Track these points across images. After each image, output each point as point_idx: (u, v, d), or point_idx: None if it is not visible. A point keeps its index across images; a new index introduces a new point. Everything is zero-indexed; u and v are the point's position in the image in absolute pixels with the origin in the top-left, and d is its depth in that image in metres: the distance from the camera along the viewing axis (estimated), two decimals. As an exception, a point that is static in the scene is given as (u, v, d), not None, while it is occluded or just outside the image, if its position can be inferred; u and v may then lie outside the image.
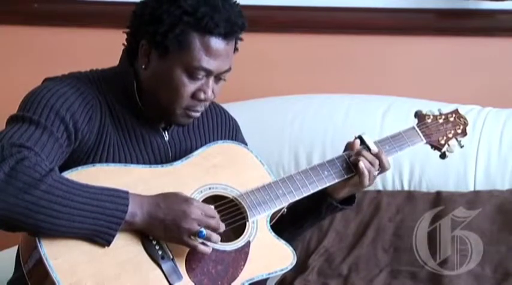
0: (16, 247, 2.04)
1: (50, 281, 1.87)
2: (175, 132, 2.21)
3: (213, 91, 2.08)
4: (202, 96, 2.06)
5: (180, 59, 2.03)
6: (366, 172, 2.20)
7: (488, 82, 3.03)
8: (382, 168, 2.24)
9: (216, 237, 2.00)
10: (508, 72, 3.03)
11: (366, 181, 2.21)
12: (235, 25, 2.05)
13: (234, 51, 2.11)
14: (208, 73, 2.05)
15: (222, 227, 2.02)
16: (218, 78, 2.08)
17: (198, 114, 2.10)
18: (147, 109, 2.12)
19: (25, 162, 1.87)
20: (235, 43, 2.10)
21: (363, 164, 2.19)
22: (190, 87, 2.05)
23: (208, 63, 2.04)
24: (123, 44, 2.14)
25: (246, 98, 2.99)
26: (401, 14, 3.05)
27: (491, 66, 3.04)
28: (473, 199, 2.69)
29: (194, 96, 2.06)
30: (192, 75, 2.04)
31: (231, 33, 2.05)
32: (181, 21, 2.01)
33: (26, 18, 3.22)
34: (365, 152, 2.22)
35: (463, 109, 2.51)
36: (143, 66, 2.08)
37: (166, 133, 2.18)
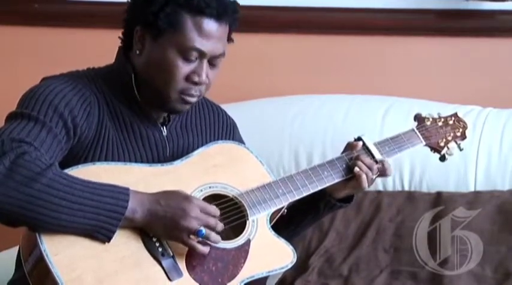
0: (16, 248, 2.04)
1: (51, 277, 1.87)
2: (173, 128, 2.21)
3: (207, 77, 2.08)
4: (196, 78, 2.07)
5: (173, 40, 2.05)
6: (364, 176, 2.21)
7: (488, 83, 3.03)
8: (383, 173, 2.24)
9: (215, 236, 2.00)
10: (508, 72, 3.03)
11: (364, 184, 2.22)
12: (227, 7, 2.07)
13: (228, 40, 2.12)
14: (202, 54, 2.06)
15: (221, 226, 2.02)
16: (212, 64, 2.09)
17: (193, 100, 2.10)
18: (145, 103, 2.13)
19: (25, 156, 1.88)
20: (230, 31, 2.12)
21: (358, 168, 2.20)
22: (184, 68, 2.06)
23: (201, 43, 2.05)
24: (119, 37, 2.15)
25: (246, 98, 2.99)
26: (401, 14, 3.05)
27: (491, 66, 3.04)
28: (474, 199, 2.69)
29: (188, 78, 2.07)
30: (186, 56, 2.06)
31: (223, 14, 2.06)
32: (171, 0, 2.03)
33: (26, 18, 3.22)
34: (363, 157, 2.23)
35: (463, 110, 2.51)
36: (137, 52, 2.09)
37: (164, 128, 2.19)
